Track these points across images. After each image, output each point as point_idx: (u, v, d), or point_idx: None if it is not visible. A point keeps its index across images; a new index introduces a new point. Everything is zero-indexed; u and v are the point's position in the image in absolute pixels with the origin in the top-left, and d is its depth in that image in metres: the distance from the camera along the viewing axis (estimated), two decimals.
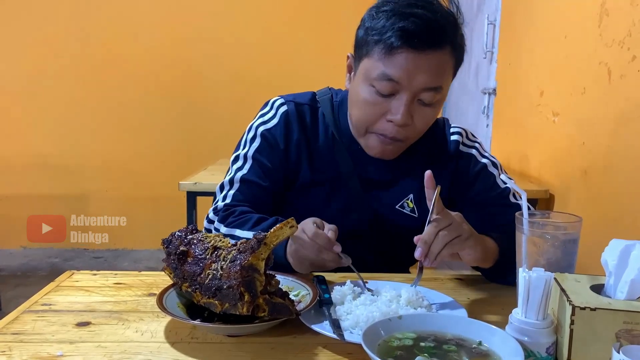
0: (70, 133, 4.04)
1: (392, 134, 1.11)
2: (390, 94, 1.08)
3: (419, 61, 1.05)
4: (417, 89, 1.07)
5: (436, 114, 1.15)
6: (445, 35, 1.07)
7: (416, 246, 0.95)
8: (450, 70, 1.11)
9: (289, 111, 1.23)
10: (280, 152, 1.22)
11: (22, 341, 0.83)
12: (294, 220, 0.87)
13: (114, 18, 3.96)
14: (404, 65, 1.05)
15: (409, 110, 1.08)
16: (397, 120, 1.08)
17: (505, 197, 1.21)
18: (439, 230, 0.94)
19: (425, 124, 1.14)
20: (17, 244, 4.04)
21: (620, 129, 1.62)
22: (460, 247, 0.96)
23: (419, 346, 0.72)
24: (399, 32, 1.04)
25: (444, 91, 1.11)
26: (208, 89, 4.05)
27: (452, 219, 0.96)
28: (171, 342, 0.83)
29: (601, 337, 0.68)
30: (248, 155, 1.23)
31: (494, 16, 2.96)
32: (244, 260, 0.82)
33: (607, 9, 1.71)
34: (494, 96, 2.95)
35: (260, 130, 1.23)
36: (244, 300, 0.81)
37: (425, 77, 1.06)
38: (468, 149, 1.25)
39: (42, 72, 3.96)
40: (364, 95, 1.11)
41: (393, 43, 1.04)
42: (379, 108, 1.10)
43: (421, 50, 1.04)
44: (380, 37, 1.06)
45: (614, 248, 0.76)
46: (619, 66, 1.63)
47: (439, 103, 1.12)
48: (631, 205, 1.55)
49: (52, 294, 1.03)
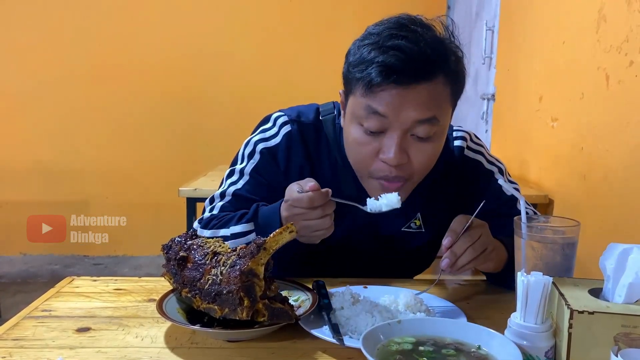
0: (71, 139, 4.04)
1: (391, 174, 1.02)
2: (380, 131, 1.00)
3: (405, 96, 0.96)
4: (407, 123, 0.98)
5: (438, 148, 1.05)
6: (434, 66, 0.97)
7: (442, 256, 0.95)
8: (447, 98, 1.02)
9: (292, 132, 1.16)
10: (280, 173, 1.15)
11: (22, 347, 0.83)
12: (294, 226, 0.87)
13: (117, 25, 3.97)
14: (389, 100, 0.97)
15: (401, 147, 0.99)
16: (389, 159, 0.99)
17: (513, 207, 1.15)
18: (470, 245, 0.95)
19: (427, 160, 1.04)
20: (17, 250, 4.03)
21: (618, 134, 1.63)
22: (484, 260, 0.98)
23: (418, 350, 0.73)
24: (379, 67, 0.95)
25: (442, 122, 1.01)
26: (209, 96, 4.06)
27: (481, 231, 0.97)
28: (171, 347, 0.84)
29: (599, 341, 0.68)
30: (245, 171, 1.17)
31: (492, 22, 2.98)
32: (244, 265, 0.82)
33: (605, 15, 1.72)
34: (492, 102, 2.96)
35: (259, 147, 1.17)
36: (243, 305, 0.81)
37: (414, 111, 0.97)
38: (474, 154, 1.21)
39: (44, 78, 3.97)
40: (354, 135, 1.03)
41: (373, 80, 0.96)
42: (370, 148, 1.01)
43: (406, 85, 0.96)
44: (362, 74, 0.98)
45: (612, 252, 0.76)
46: (616, 72, 1.64)
47: (437, 136, 1.03)
48: (630, 209, 1.55)
49: (52, 300, 1.03)
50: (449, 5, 3.88)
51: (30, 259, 4.03)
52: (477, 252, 0.95)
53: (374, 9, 4.03)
